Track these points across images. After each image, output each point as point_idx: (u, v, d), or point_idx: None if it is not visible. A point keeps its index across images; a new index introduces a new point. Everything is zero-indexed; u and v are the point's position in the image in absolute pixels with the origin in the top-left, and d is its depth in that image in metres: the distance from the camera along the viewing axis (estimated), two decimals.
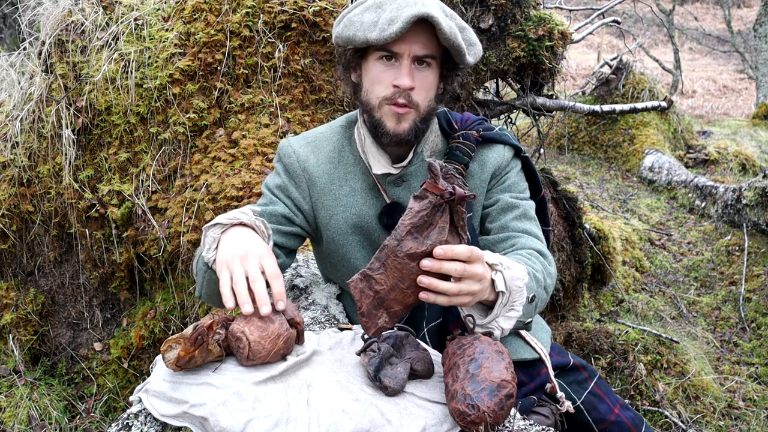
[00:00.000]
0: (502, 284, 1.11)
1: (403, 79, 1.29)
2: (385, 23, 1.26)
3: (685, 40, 18.96)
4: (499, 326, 1.13)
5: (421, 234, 1.02)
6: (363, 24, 1.29)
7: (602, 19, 5.36)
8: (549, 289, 1.30)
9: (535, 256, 1.31)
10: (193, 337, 1.04)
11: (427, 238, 1.02)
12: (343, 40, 1.33)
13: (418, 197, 1.02)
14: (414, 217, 1.01)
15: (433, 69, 1.33)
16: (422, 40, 1.29)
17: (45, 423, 2.62)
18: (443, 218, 1.03)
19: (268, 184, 1.48)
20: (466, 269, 1.02)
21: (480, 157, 1.43)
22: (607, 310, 3.77)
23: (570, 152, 7.02)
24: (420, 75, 1.31)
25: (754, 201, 4.44)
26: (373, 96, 1.34)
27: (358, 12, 1.32)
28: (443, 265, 1.01)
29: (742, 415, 2.91)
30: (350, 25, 1.31)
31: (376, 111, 1.34)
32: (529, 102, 3.43)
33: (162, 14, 2.73)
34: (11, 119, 2.80)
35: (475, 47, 1.35)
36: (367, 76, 1.36)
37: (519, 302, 1.13)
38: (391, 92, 1.31)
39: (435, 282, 1.02)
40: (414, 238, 1.01)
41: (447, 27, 1.25)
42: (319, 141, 1.48)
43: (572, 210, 3.04)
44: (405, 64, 1.30)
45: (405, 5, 1.26)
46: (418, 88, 1.31)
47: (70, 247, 2.86)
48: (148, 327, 2.76)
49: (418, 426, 0.99)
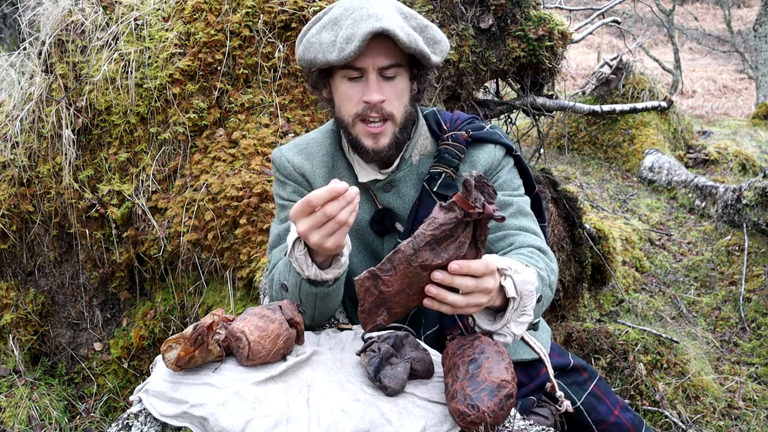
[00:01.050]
0: (513, 290, 1.07)
1: (372, 94, 1.28)
2: (343, 42, 1.24)
3: (685, 40, 18.95)
4: (510, 332, 1.10)
5: (440, 246, 0.99)
6: (322, 45, 1.27)
7: (602, 19, 5.36)
8: (553, 287, 1.28)
9: (536, 254, 1.29)
10: (193, 337, 1.04)
11: (445, 251, 0.99)
12: (305, 62, 1.32)
13: (445, 209, 0.98)
14: (436, 229, 0.98)
15: (401, 76, 1.32)
16: (384, 51, 1.27)
17: (45, 423, 2.62)
18: (465, 233, 1.00)
19: (281, 195, 1.46)
20: (478, 285, 1.00)
21: (470, 158, 1.41)
22: (607, 310, 3.77)
23: (570, 152, 7.02)
24: (388, 85, 1.30)
25: (754, 201, 4.44)
26: (345, 114, 1.33)
27: (315, 32, 1.30)
28: (455, 280, 0.99)
29: (742, 415, 2.91)
30: (310, 48, 1.30)
31: (351, 128, 1.34)
32: (529, 102, 3.43)
33: (162, 14, 2.73)
34: (11, 119, 2.80)
35: (439, 44, 1.33)
36: (336, 94, 1.34)
37: (530, 306, 1.11)
38: (362, 108, 1.30)
39: (443, 293, 1.00)
40: (431, 249, 0.99)
41: (405, 37, 1.23)
42: (311, 147, 1.47)
43: (572, 210, 3.04)
44: (371, 79, 1.28)
45: (360, 20, 1.23)
46: (389, 98, 1.29)
47: (70, 247, 2.86)
48: (148, 327, 2.76)
49: (418, 426, 0.99)
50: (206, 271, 2.58)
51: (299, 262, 1.18)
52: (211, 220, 2.46)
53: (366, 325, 1.06)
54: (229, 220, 2.44)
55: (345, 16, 1.27)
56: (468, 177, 0.97)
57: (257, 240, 2.39)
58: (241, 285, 2.46)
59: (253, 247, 2.39)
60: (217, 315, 1.13)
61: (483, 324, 1.12)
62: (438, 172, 1.39)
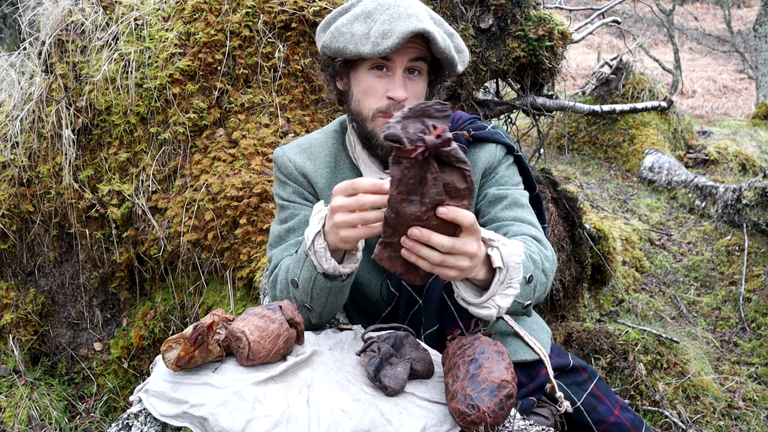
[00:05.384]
0: (499, 260, 1.05)
1: (398, 91, 1.28)
2: (378, 37, 1.24)
3: (685, 40, 18.96)
4: (495, 304, 1.07)
5: (415, 195, 0.92)
6: (354, 36, 1.27)
7: (602, 19, 5.36)
8: (548, 274, 1.24)
9: (530, 240, 1.26)
10: (193, 337, 1.04)
11: (425, 197, 0.92)
12: (331, 50, 1.31)
13: (394, 164, 0.91)
14: (399, 185, 0.91)
15: (423, 77, 1.33)
16: (414, 51, 1.28)
17: (45, 423, 2.62)
18: (430, 169, 0.91)
19: (281, 195, 1.46)
20: (455, 245, 0.95)
21: (471, 157, 1.42)
22: (607, 310, 3.77)
23: (570, 152, 7.02)
24: (411, 84, 1.31)
25: (754, 201, 4.44)
26: (366, 107, 1.33)
27: (346, 21, 1.30)
28: (431, 237, 0.94)
29: (742, 415, 2.91)
30: (339, 36, 1.29)
31: (369, 122, 1.34)
32: (529, 102, 3.43)
33: (162, 14, 2.73)
34: (11, 119, 2.80)
35: (463, 54, 1.35)
36: (357, 86, 1.34)
37: (516, 279, 1.07)
38: (386, 104, 1.30)
39: (417, 247, 0.96)
40: (410, 202, 0.92)
41: (442, 40, 1.24)
42: (314, 147, 1.47)
43: (572, 210, 3.04)
44: (398, 75, 1.29)
45: (397, 17, 1.24)
46: (410, 98, 1.30)
47: (70, 247, 2.86)
48: (148, 327, 2.76)
49: (418, 426, 0.99)
50: (206, 271, 2.58)
51: (318, 255, 1.17)
52: (211, 220, 2.46)
53: (415, 281, 1.02)
54: (229, 220, 2.44)
55: (380, 11, 1.27)
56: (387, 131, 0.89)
57: (257, 240, 2.39)
58: (241, 285, 2.46)
59: (253, 247, 2.39)
60: (217, 315, 1.13)
61: (467, 296, 1.09)
62: None
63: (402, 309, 1.42)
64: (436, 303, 1.39)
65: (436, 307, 1.38)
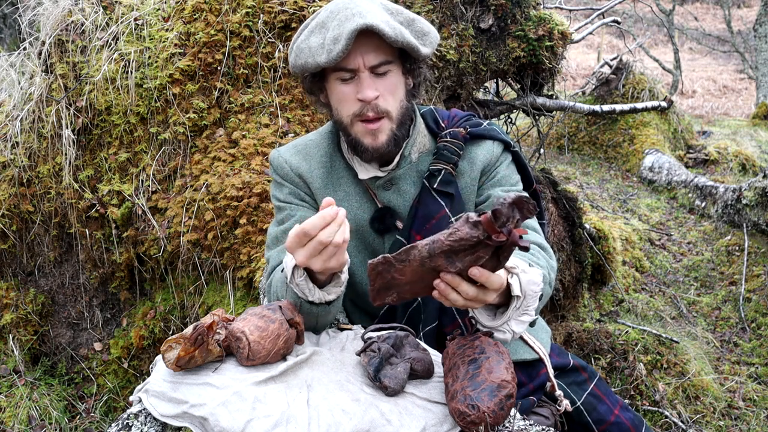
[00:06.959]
0: (518, 289, 1.08)
1: (365, 91, 1.28)
2: (330, 43, 1.25)
3: (685, 40, 18.95)
4: (510, 330, 1.11)
5: (456, 256, 0.98)
6: (311, 49, 1.28)
7: (602, 19, 5.36)
8: (552, 284, 1.30)
9: (537, 251, 1.30)
10: (193, 337, 1.04)
11: (460, 261, 0.98)
12: (297, 68, 1.33)
13: (471, 224, 0.94)
14: (456, 241, 0.95)
15: (393, 71, 1.32)
16: (373, 49, 1.28)
17: (45, 423, 2.62)
18: (485, 251, 0.97)
19: (278, 196, 1.47)
20: (478, 296, 1.02)
21: (469, 155, 1.42)
22: (607, 310, 3.77)
23: (570, 152, 7.02)
24: (382, 82, 1.31)
25: (754, 201, 4.44)
26: (344, 115, 1.34)
27: (304, 38, 1.31)
28: (461, 286, 1.00)
29: (742, 415, 2.91)
30: (300, 54, 1.31)
31: (350, 129, 1.35)
32: (529, 102, 3.43)
33: (162, 14, 2.73)
34: (11, 119, 2.80)
35: (428, 36, 1.33)
36: (333, 96, 1.35)
37: (533, 307, 1.11)
38: (359, 107, 1.30)
39: (447, 291, 1.02)
40: (447, 257, 0.98)
41: (390, 31, 1.23)
42: (309, 148, 1.48)
43: (572, 210, 3.04)
44: (363, 77, 1.29)
45: (345, 20, 1.24)
46: (383, 95, 1.30)
47: (70, 247, 2.86)
48: (148, 327, 2.76)
49: (418, 426, 0.99)
50: (206, 271, 2.58)
51: (300, 287, 1.18)
52: (211, 220, 2.46)
53: (375, 301, 1.07)
54: (229, 220, 2.44)
55: (331, 18, 1.28)
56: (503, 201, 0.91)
57: (257, 240, 2.39)
58: (241, 285, 2.46)
59: (253, 247, 2.39)
60: (217, 315, 1.13)
61: (483, 320, 1.13)
62: (438, 169, 1.39)
63: (400, 306, 1.42)
64: (435, 300, 1.39)
65: (434, 305, 1.38)
